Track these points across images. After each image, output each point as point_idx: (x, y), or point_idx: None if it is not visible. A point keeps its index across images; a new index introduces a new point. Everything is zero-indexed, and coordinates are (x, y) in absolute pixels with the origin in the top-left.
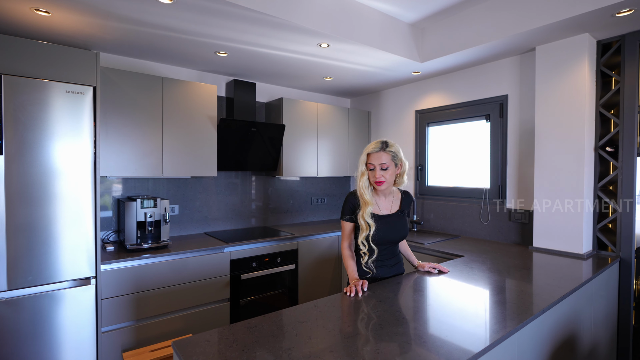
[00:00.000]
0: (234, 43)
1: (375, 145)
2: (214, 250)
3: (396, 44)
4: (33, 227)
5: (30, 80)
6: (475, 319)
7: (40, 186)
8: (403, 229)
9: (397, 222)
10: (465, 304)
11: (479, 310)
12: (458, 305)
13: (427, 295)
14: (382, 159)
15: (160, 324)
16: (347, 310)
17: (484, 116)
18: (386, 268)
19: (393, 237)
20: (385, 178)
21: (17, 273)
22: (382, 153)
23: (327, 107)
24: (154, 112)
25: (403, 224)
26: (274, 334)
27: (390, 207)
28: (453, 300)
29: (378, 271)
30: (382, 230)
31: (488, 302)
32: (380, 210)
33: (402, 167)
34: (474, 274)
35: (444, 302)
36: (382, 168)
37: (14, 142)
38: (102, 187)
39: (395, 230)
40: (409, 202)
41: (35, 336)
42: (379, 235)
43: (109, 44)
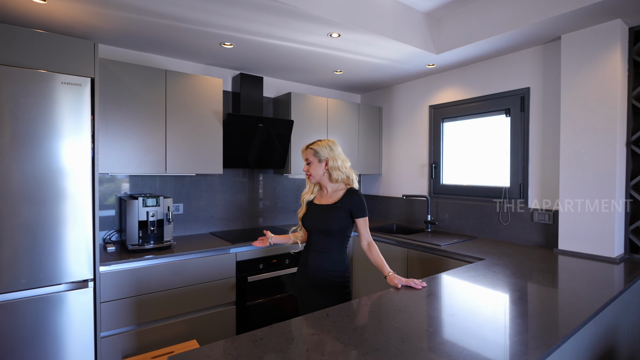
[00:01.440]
0: (240, 33)
1: (307, 144)
2: (220, 251)
3: (410, 34)
4: (27, 227)
5: (23, 71)
6: (510, 332)
7: (35, 183)
8: (328, 220)
9: (324, 213)
10: (494, 313)
11: (512, 322)
12: (486, 315)
13: (450, 304)
14: (306, 154)
15: (163, 328)
16: (362, 320)
17: (504, 110)
18: (318, 259)
19: (315, 225)
20: (310, 172)
21: (10, 275)
22: (307, 150)
23: (337, 103)
24: (156, 106)
25: (330, 216)
26: (282, 349)
27: (328, 200)
28: (480, 309)
29: (311, 259)
30: (308, 216)
31: (519, 311)
32: (320, 201)
33: (329, 163)
34: (497, 279)
35: (470, 312)
36: (307, 163)
37: (6, 137)
38: (105, 185)
39: (319, 219)
40: (351, 199)
41: (30, 342)
42: (307, 223)
43: (109, 34)
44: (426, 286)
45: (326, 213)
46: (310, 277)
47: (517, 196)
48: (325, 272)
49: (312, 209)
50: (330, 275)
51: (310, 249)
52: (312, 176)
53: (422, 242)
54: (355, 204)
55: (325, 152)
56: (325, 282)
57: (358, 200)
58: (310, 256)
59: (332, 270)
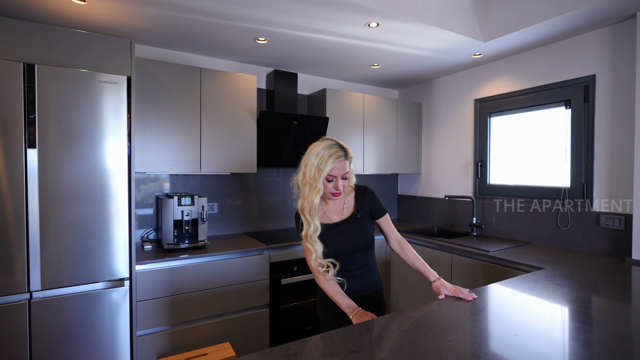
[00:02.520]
0: (274, 27)
1: (338, 153)
2: (253, 252)
3: (456, 20)
4: (67, 225)
5: (63, 70)
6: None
7: (75, 182)
8: (362, 233)
9: (352, 228)
10: (565, 335)
11: (591, 349)
12: (555, 338)
13: (509, 321)
14: (346, 167)
15: (197, 329)
16: (408, 337)
17: (563, 102)
18: (355, 280)
19: (351, 247)
20: (344, 186)
21: (54, 273)
22: (346, 162)
23: (374, 99)
24: (191, 104)
25: (361, 228)
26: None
27: (342, 212)
28: (546, 329)
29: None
30: (336, 240)
31: (598, 333)
32: (330, 219)
33: (351, 166)
34: (563, 292)
35: (535, 333)
36: (344, 177)
37: (47, 135)
38: (149, 184)
39: (352, 237)
40: (367, 199)
41: (69, 338)
42: (333, 249)
43: (147, 34)
44: (477, 297)
45: (352, 229)
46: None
47: (580, 197)
48: (364, 289)
49: (329, 232)
50: (374, 292)
51: (341, 271)
52: (343, 192)
53: (468, 246)
54: (374, 203)
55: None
56: (364, 303)
57: (375, 198)
58: (344, 279)
59: (375, 286)
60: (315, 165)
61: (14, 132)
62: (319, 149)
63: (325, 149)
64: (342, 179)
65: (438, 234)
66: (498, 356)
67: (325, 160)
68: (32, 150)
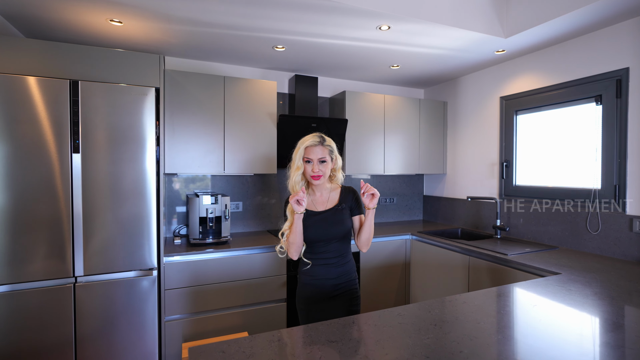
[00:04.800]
0: (290, 35)
1: (314, 139)
2: (272, 248)
3: (472, 18)
4: (105, 220)
5: (102, 85)
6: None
7: (113, 182)
8: (341, 223)
9: (332, 217)
10: (559, 343)
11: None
12: (543, 343)
13: (496, 324)
14: (321, 153)
15: (218, 318)
16: (388, 332)
17: (593, 98)
18: (330, 267)
19: (330, 234)
20: (322, 172)
21: (92, 261)
22: (321, 147)
23: (395, 99)
24: (216, 110)
25: (341, 219)
26: (294, 353)
27: (326, 203)
28: (539, 333)
29: (319, 270)
30: (316, 227)
31: (597, 345)
32: (315, 207)
33: (336, 163)
34: (571, 299)
35: (520, 336)
36: (321, 161)
37: (88, 142)
38: (180, 185)
39: (331, 226)
40: (350, 197)
41: (106, 318)
42: (313, 233)
43: (175, 47)
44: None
45: (332, 217)
46: (319, 287)
47: (611, 199)
48: (337, 277)
49: (312, 217)
50: (344, 279)
51: (316, 258)
52: (323, 177)
53: (486, 249)
54: (356, 202)
55: (335, 150)
56: (339, 291)
57: (357, 198)
58: (318, 265)
59: (349, 276)
60: (297, 147)
61: (63, 139)
62: (303, 138)
63: (307, 136)
64: (319, 163)
65: (461, 236)
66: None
67: (302, 142)
68: (77, 155)
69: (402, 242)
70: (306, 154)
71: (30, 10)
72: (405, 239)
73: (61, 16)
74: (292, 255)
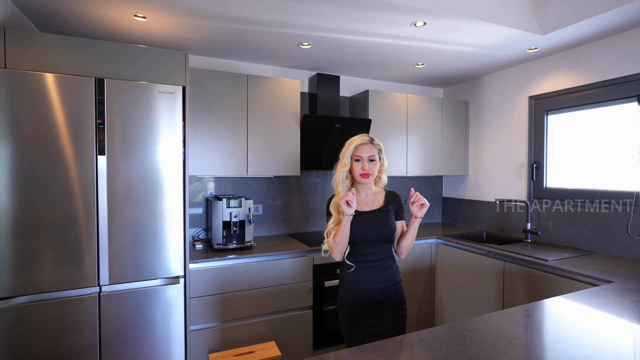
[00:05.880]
0: (318, 32)
1: (363, 139)
2: (298, 254)
3: (509, 13)
4: (131, 225)
5: (128, 83)
6: None
7: (138, 185)
8: (386, 225)
9: (378, 218)
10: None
11: None
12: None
13: (577, 340)
14: (370, 151)
15: (244, 327)
16: (465, 352)
17: (635, 97)
18: (375, 270)
19: (374, 234)
20: (371, 171)
21: (117, 269)
22: (371, 146)
23: (418, 99)
24: (239, 110)
25: (386, 220)
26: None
27: (371, 204)
28: (624, 352)
29: (363, 273)
30: (361, 227)
31: None
32: (360, 207)
33: (383, 164)
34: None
35: (610, 355)
36: (370, 159)
37: (114, 143)
38: (194, 186)
39: (377, 226)
40: (395, 201)
41: (132, 330)
42: (358, 233)
43: (198, 44)
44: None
45: (378, 218)
46: (364, 291)
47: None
48: (383, 280)
49: (357, 217)
50: (390, 282)
51: (360, 260)
52: (371, 176)
53: (523, 254)
54: (398, 204)
55: (383, 150)
56: (385, 295)
57: (402, 204)
58: (362, 267)
59: (395, 279)
60: (345, 146)
61: (86, 140)
62: (351, 139)
63: (355, 137)
64: (369, 161)
65: (487, 240)
66: None
67: (352, 142)
68: (102, 157)
69: (427, 245)
70: (356, 152)
71: (51, 3)
72: (430, 243)
73: (84, 10)
74: (336, 256)
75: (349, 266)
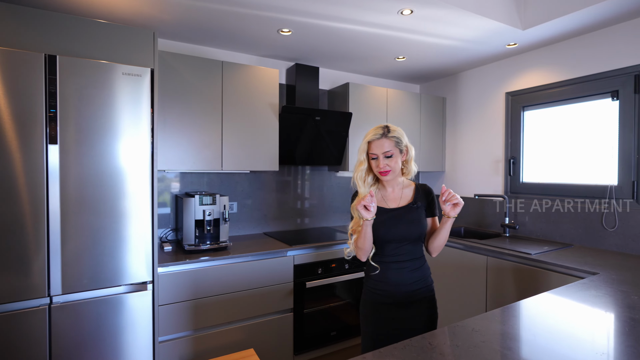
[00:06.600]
0: (300, 16)
1: (376, 132)
2: (277, 254)
3: (494, 6)
4: (89, 225)
5: (86, 62)
6: None
7: (98, 180)
8: (414, 223)
9: (406, 215)
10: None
11: None
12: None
13: (588, 338)
14: (385, 146)
15: (220, 334)
16: (482, 355)
17: (609, 93)
18: (404, 272)
19: (402, 234)
20: (390, 167)
21: (72, 277)
22: (384, 140)
23: (398, 93)
24: (213, 99)
25: (415, 217)
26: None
27: (399, 200)
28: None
29: (391, 275)
30: (388, 225)
31: None
32: (386, 204)
33: (408, 153)
34: (633, 300)
35: (627, 349)
36: (386, 156)
37: (69, 131)
38: (162, 182)
39: (404, 225)
40: (425, 195)
41: (90, 345)
42: (384, 233)
43: (167, 26)
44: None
45: (406, 216)
46: (391, 294)
47: (629, 196)
48: (412, 283)
49: (383, 215)
50: (419, 285)
51: (387, 261)
52: (392, 172)
53: (505, 248)
54: (429, 198)
55: (405, 139)
56: (415, 297)
57: (433, 198)
58: (390, 268)
59: (420, 279)
60: (361, 143)
61: (34, 127)
62: (368, 132)
63: (370, 130)
64: (385, 158)
65: (465, 235)
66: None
67: (366, 136)
68: (54, 146)
69: None
70: (370, 149)
71: None
72: None
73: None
74: (361, 258)
75: (373, 268)
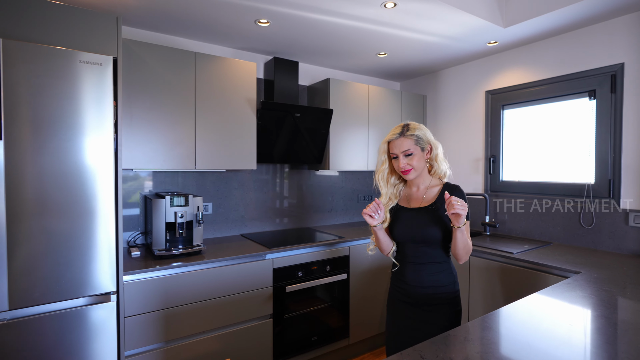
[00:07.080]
0: (279, 6)
1: (395, 131)
2: (255, 257)
3: (476, 2)
4: (43, 231)
5: (36, 47)
6: None
7: (50, 180)
8: (427, 226)
9: (420, 217)
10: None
11: None
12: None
13: (579, 340)
14: (404, 145)
15: (194, 345)
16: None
17: (587, 93)
18: (422, 275)
19: (414, 236)
20: (411, 165)
21: (22, 290)
22: (402, 139)
23: (379, 90)
24: (185, 93)
25: (427, 220)
26: None
27: (421, 200)
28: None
29: (408, 273)
30: (402, 226)
31: None
32: (408, 203)
33: (432, 151)
34: (622, 300)
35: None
36: (406, 155)
37: (18, 125)
38: (128, 182)
39: (416, 227)
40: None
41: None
42: (398, 232)
43: (134, 13)
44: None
45: (420, 218)
46: (409, 293)
47: (605, 195)
48: (430, 287)
49: (400, 214)
50: (437, 290)
51: (407, 260)
52: (414, 171)
53: (486, 247)
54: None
55: (428, 136)
56: (430, 300)
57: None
58: (408, 268)
59: (439, 284)
60: (380, 143)
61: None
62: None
63: (390, 131)
64: (405, 157)
65: None
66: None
67: (384, 139)
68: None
69: None
70: (390, 149)
71: None
72: None
73: None
74: (383, 253)
75: (394, 264)
